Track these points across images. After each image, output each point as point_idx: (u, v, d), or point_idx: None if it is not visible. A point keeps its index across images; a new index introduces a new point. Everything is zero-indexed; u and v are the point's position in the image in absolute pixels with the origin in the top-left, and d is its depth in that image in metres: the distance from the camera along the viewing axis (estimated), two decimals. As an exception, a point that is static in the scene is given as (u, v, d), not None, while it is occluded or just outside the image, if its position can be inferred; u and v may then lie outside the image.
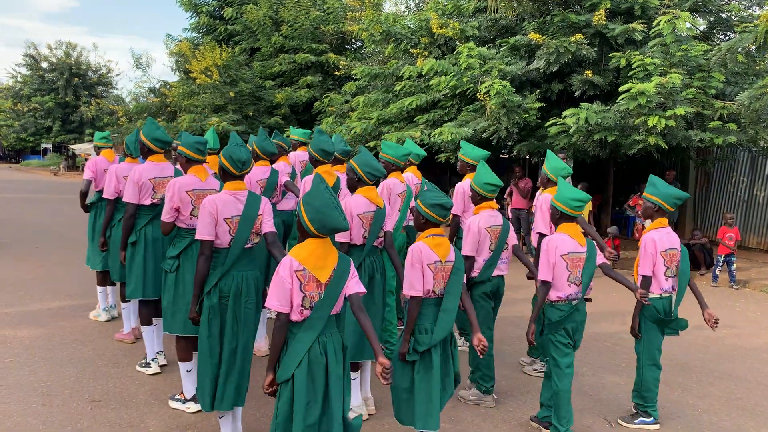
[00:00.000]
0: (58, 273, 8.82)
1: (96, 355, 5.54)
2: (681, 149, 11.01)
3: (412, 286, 3.53)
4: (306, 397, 2.96)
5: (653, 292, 4.50)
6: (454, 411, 4.64)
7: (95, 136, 6.92)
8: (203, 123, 18.21)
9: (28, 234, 12.45)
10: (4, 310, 6.86)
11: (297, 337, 3.01)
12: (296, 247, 3.07)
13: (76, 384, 4.87)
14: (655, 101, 9.19)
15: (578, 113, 9.56)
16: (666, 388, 5.26)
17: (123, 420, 4.28)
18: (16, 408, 4.40)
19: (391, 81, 13.70)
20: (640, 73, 9.63)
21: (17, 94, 48.37)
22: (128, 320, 5.95)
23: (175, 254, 4.33)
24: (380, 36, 13.26)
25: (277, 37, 19.61)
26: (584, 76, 10.51)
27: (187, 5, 22.75)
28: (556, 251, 4.08)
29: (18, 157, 54.37)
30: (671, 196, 4.42)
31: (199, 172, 4.42)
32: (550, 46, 10.58)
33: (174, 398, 4.59)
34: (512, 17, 12.59)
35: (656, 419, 4.55)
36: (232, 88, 18.66)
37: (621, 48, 10.84)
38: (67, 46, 47.17)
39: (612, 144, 10.12)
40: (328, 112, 17.26)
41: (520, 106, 10.55)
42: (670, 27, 9.55)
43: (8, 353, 5.50)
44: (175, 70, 23.02)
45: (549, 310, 4.17)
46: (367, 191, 4.33)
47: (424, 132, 11.70)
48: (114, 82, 50.48)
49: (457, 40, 12.23)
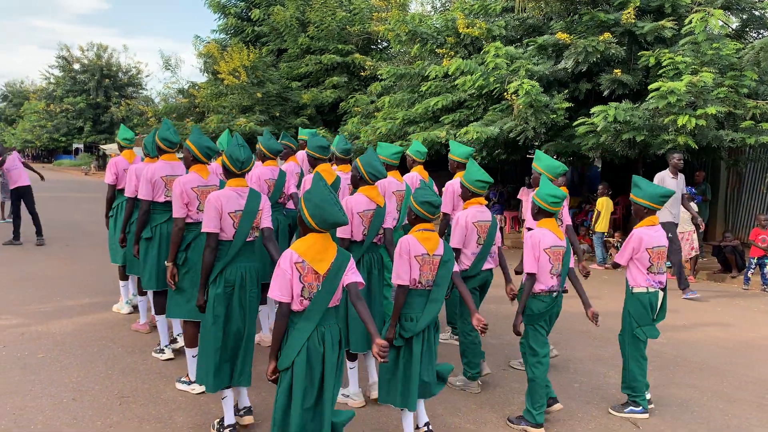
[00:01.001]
0: (88, 270, 8.97)
1: (125, 352, 5.62)
2: (712, 149, 10.81)
3: (399, 276, 3.77)
4: (304, 383, 3.14)
5: (640, 286, 4.64)
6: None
7: (119, 132, 6.98)
8: (231, 123, 18.38)
9: (60, 232, 12.69)
10: (37, 306, 7.00)
11: (297, 327, 3.18)
12: (297, 241, 3.25)
13: (106, 380, 4.95)
14: (686, 100, 9.04)
15: (606, 110, 9.44)
16: (695, 392, 5.18)
17: (151, 416, 4.34)
18: (47, 403, 4.49)
19: (417, 81, 13.68)
20: (670, 71, 9.48)
21: (50, 95, 49.42)
22: (144, 312, 6.26)
23: (182, 248, 4.63)
24: (406, 36, 13.25)
25: (304, 38, 19.71)
26: (613, 75, 10.38)
27: (215, 7, 22.99)
28: (539, 245, 4.28)
29: (51, 157, 55.52)
30: (657, 195, 4.55)
31: (201, 171, 4.70)
32: (578, 45, 10.47)
33: (180, 380, 4.89)
34: (539, 17, 12.48)
35: (645, 409, 4.62)
36: (259, 88, 18.81)
37: (650, 47, 10.69)
38: (99, 47, 48.08)
39: (641, 144, 9.97)
40: (353, 112, 17.30)
41: (548, 106, 10.46)
42: (702, 25, 9.39)
43: (40, 349, 5.61)
44: (203, 71, 23.28)
45: (532, 302, 4.35)
46: (369, 190, 4.54)
47: (449, 132, 11.66)
48: (143, 83, 51.32)
49: (483, 40, 12.17)
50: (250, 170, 4.56)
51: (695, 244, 10.01)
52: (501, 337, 6.45)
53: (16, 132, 55.06)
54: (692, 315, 7.81)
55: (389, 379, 3.83)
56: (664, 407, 4.84)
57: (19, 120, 57.54)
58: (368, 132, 13.86)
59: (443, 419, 4.45)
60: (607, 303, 7.94)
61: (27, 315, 6.65)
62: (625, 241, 4.70)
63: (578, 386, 5.25)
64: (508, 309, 7.04)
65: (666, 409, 4.82)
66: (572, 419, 4.56)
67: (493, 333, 6.49)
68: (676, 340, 6.68)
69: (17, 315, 6.63)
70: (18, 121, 58.12)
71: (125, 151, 6.69)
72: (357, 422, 4.24)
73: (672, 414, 4.72)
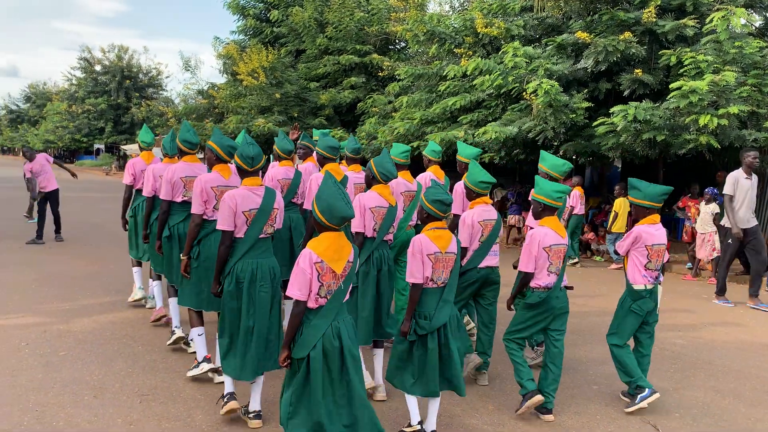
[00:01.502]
0: (109, 269, 9.08)
1: (145, 350, 5.68)
2: (734, 149, 10.66)
3: (413, 274, 3.87)
4: (321, 375, 3.25)
5: (638, 283, 4.70)
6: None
7: (140, 133, 7.12)
8: (250, 124, 18.48)
9: (82, 231, 12.85)
10: (59, 305, 7.09)
11: (312, 324, 3.28)
12: (313, 241, 3.34)
13: (126, 378, 5.00)
14: (707, 99, 8.93)
15: (627, 110, 9.36)
16: (716, 395, 5.12)
17: (171, 414, 4.38)
18: (69, 400, 4.54)
19: (435, 81, 13.65)
20: (691, 70, 9.37)
21: (72, 96, 50.00)
22: (159, 296, 6.53)
23: (195, 242, 4.81)
24: (424, 36, 13.23)
25: (322, 39, 19.76)
26: (633, 75, 10.28)
27: (234, 8, 23.12)
28: (539, 244, 4.37)
29: (72, 158, 56.17)
30: (656, 194, 4.63)
31: (223, 171, 4.81)
32: (598, 44, 10.39)
33: (191, 370, 5.02)
34: (558, 16, 12.41)
35: (651, 388, 4.64)
36: (277, 89, 18.89)
37: (671, 45, 10.57)
38: (119, 49, 48.53)
39: (661, 144, 9.87)
40: (371, 112, 17.31)
41: (567, 106, 10.39)
42: (724, 23, 9.27)
43: (62, 347, 5.68)
44: (222, 72, 23.43)
45: (530, 294, 4.48)
46: (381, 189, 4.71)
47: (467, 132, 11.63)
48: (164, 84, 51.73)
49: (502, 40, 12.12)
50: (263, 168, 4.66)
51: (717, 245, 9.88)
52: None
53: (39, 133, 55.81)
54: (713, 317, 7.72)
55: (399, 366, 3.98)
56: (684, 410, 4.79)
57: (42, 121, 58.35)
58: (386, 132, 13.86)
59: (461, 420, 4.45)
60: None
61: (49, 313, 6.74)
62: (625, 235, 4.78)
63: (597, 388, 5.21)
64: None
65: (687, 411, 4.76)
66: (591, 421, 4.53)
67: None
68: (697, 342, 6.61)
69: (39, 313, 6.73)
70: (41, 122, 58.93)
71: (144, 153, 6.85)
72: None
73: (693, 417, 4.67)
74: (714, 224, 9.45)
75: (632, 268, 4.72)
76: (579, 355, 6.00)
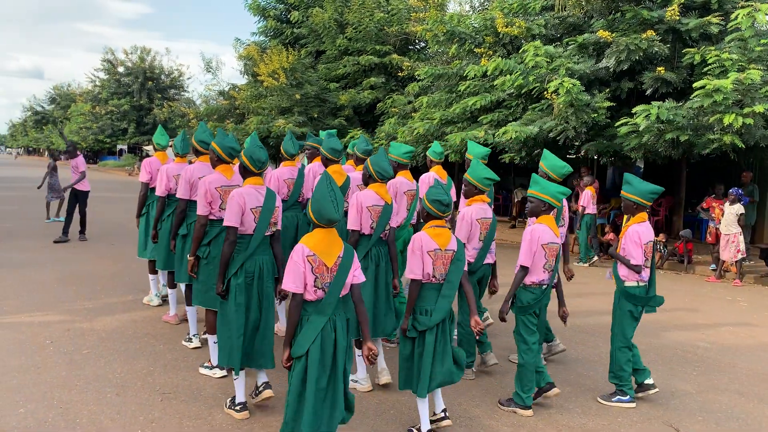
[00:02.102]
0: (132, 269, 9.17)
1: (166, 349, 5.73)
2: (759, 149, 10.50)
3: (412, 271, 3.98)
4: (318, 367, 3.38)
5: (630, 280, 4.79)
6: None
7: (155, 135, 7.22)
8: (270, 125, 18.58)
9: (105, 231, 13.01)
10: (83, 304, 7.19)
11: (311, 319, 3.41)
12: (306, 236, 3.49)
13: (148, 376, 5.05)
14: (732, 98, 8.79)
15: (649, 110, 9.25)
16: (741, 399, 5.04)
17: (191, 412, 4.41)
18: (92, 397, 4.60)
19: (455, 81, 13.62)
20: (716, 69, 9.24)
21: (96, 97, 50.65)
22: (174, 304, 6.54)
23: (206, 242, 4.91)
24: (444, 36, 13.21)
25: (342, 40, 19.81)
26: (656, 74, 10.16)
27: (255, 9, 23.27)
28: (538, 240, 4.48)
29: (96, 158, 56.92)
30: (647, 192, 4.73)
31: (226, 171, 4.97)
32: (620, 43, 10.29)
33: (203, 366, 5.17)
34: (580, 15, 12.31)
35: (632, 398, 4.77)
36: (297, 90, 18.97)
37: (695, 44, 10.45)
38: (142, 51, 49.11)
39: (685, 144, 9.74)
40: (390, 113, 17.31)
41: (589, 105, 10.30)
42: (749, 21, 9.13)
43: (85, 345, 5.76)
44: (243, 73, 23.58)
45: (522, 293, 4.58)
46: (378, 187, 4.82)
47: (488, 132, 11.58)
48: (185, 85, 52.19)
49: (522, 39, 12.05)
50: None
51: (742, 246, 9.74)
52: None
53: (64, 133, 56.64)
54: (737, 319, 7.60)
55: (407, 368, 4.06)
56: (708, 413, 4.72)
57: (66, 122, 59.19)
58: (405, 132, 13.86)
59: (480, 420, 4.43)
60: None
61: (73, 312, 6.84)
62: (626, 241, 4.79)
63: (619, 390, 5.16)
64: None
65: (710, 415, 4.70)
66: (613, 423, 4.48)
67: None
68: (720, 345, 6.52)
69: (64, 312, 6.83)
70: (65, 123, 59.79)
71: (158, 153, 7.03)
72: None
73: (716, 420, 4.60)
74: (739, 225, 9.30)
75: (626, 268, 4.82)
76: (600, 354, 5.94)
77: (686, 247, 10.96)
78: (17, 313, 6.66)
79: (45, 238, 11.65)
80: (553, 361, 5.68)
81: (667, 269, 11.12)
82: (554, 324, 5.66)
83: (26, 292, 7.60)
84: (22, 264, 9.24)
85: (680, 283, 9.95)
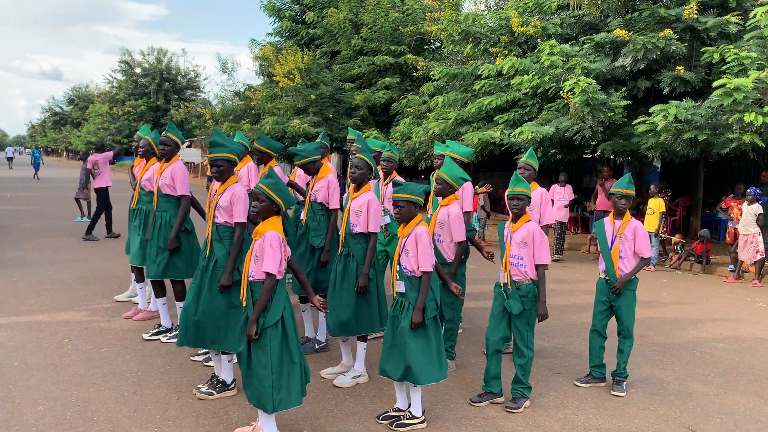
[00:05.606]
0: (148, 268, 9.25)
1: (183, 348, 5.75)
2: (779, 148, 10.37)
3: (431, 263, 4.11)
4: (295, 330, 3.78)
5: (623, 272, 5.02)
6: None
7: (141, 129, 6.86)
8: (285, 125, 18.65)
9: (122, 231, 13.12)
10: (100, 303, 7.26)
11: (278, 291, 3.74)
12: (271, 224, 3.77)
13: (164, 374, 5.09)
14: (752, 97, 8.69)
15: (667, 109, 9.16)
16: (760, 401, 4.98)
17: (207, 410, 4.44)
18: (110, 395, 4.65)
19: (470, 81, 13.59)
20: (735, 68, 9.13)
21: (113, 98, 51.06)
22: (144, 299, 6.76)
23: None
24: (459, 36, 13.18)
25: (357, 40, 19.84)
26: (674, 72, 10.07)
27: (270, 10, 23.37)
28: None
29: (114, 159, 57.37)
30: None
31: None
32: (637, 42, 10.21)
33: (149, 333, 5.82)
34: (596, 13, 12.23)
35: (603, 376, 5.13)
36: (313, 90, 19.03)
37: (713, 42, 10.34)
38: (159, 52, 49.43)
39: (703, 143, 9.64)
40: (405, 113, 17.31)
41: (605, 104, 10.23)
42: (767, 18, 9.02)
43: (103, 344, 5.82)
44: (259, 73, 23.70)
45: (526, 292, 4.59)
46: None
47: (503, 131, 11.53)
48: (201, 86, 52.51)
49: (538, 38, 12.00)
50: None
51: (761, 246, 9.62)
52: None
53: (81, 134, 57.18)
54: (755, 320, 7.51)
55: (429, 360, 4.11)
56: (726, 415, 4.67)
57: (84, 123, 59.76)
58: (420, 132, 13.85)
59: (495, 421, 4.41)
60: (693, 309, 7.69)
61: (91, 311, 6.91)
62: (642, 236, 4.95)
63: (634, 391, 5.11)
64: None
65: (728, 417, 4.65)
66: (629, 425, 4.45)
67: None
68: (739, 346, 6.44)
69: (82, 311, 6.90)
70: (83, 124, 60.37)
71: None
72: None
73: (735, 422, 4.55)
74: (757, 225, 9.19)
75: (627, 264, 5.02)
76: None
77: (705, 247, 10.84)
78: (36, 313, 6.74)
79: (65, 237, 11.79)
80: (568, 360, 5.64)
81: (684, 270, 11.01)
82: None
83: (45, 291, 7.70)
84: (41, 263, 9.36)
85: (698, 284, 9.85)
